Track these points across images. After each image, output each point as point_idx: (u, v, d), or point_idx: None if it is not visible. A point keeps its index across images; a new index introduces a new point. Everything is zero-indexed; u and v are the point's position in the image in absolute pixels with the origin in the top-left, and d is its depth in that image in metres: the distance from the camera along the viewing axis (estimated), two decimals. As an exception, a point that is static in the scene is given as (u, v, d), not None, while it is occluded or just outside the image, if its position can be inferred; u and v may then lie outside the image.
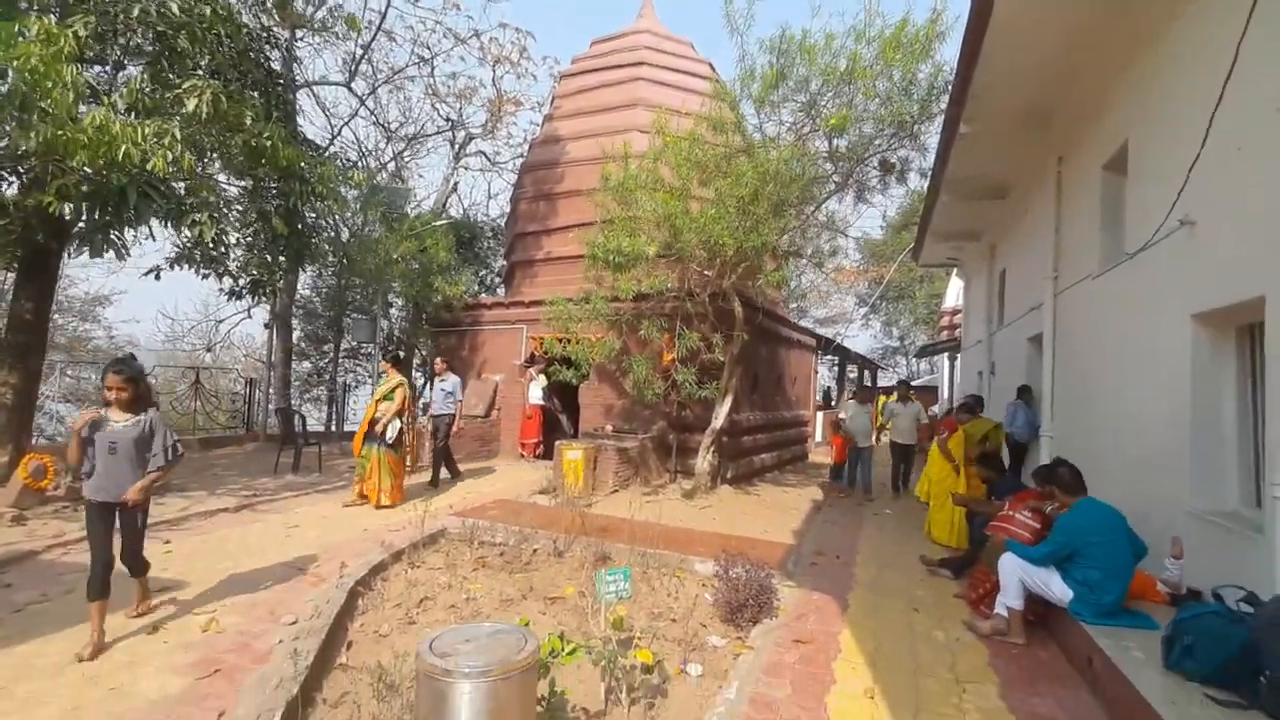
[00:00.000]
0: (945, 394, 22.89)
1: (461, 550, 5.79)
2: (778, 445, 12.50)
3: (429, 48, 16.56)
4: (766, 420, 11.87)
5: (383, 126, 16.06)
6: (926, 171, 9.16)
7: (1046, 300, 7.94)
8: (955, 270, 17.68)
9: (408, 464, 7.80)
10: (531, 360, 11.42)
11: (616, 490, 8.61)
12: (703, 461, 8.38)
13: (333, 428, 15.11)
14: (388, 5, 14.67)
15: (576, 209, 11.63)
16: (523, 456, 11.18)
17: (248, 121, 5.95)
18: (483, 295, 14.02)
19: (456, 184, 19.02)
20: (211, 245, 6.67)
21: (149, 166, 5.12)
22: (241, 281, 9.12)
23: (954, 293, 24.50)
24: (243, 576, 4.84)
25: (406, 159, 17.43)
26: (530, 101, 21.80)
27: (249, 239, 8.05)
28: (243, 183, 7.03)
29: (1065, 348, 7.53)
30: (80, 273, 19.20)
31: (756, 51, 7.12)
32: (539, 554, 5.83)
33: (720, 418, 8.30)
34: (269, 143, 6.37)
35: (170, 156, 5.20)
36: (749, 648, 3.92)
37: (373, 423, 7.14)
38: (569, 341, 8.61)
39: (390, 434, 7.07)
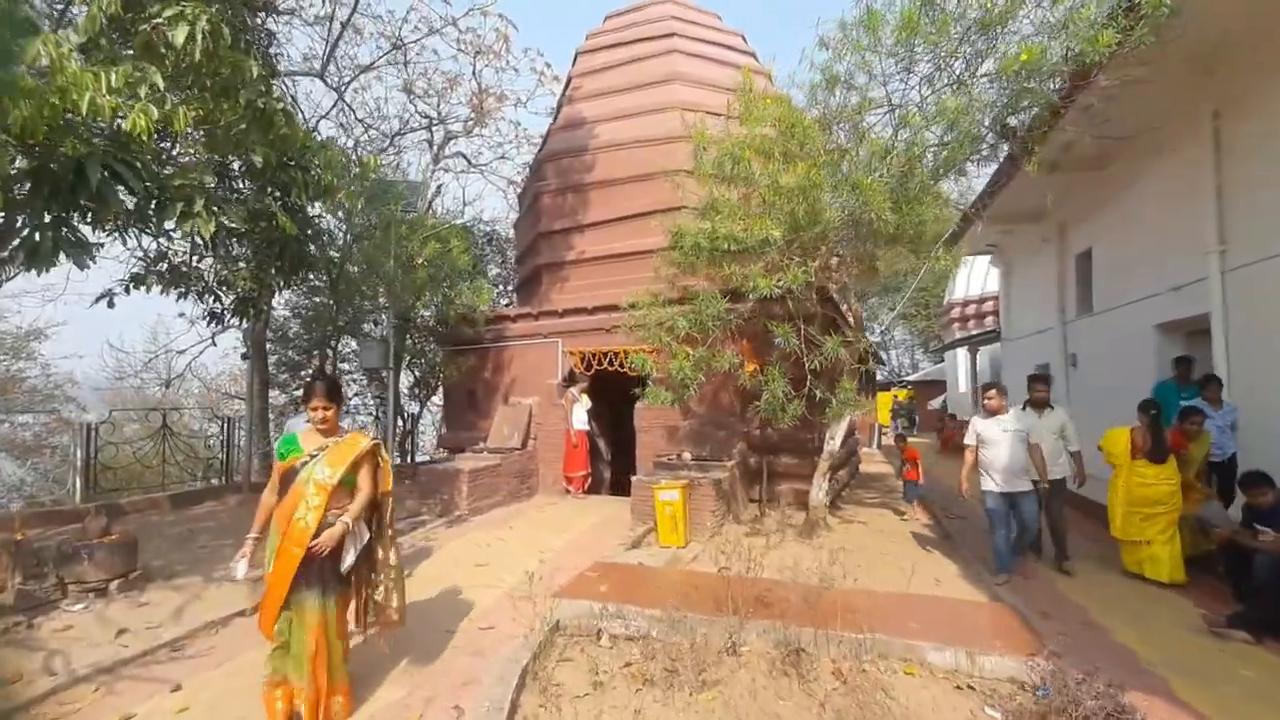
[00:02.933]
0: (964, 388, 22.03)
1: (595, 652, 4.17)
2: (848, 456, 11.15)
3: (401, 39, 14.76)
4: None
5: (362, 123, 14.16)
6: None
7: (1213, 279, 6.79)
8: (990, 258, 16.73)
9: (367, 618, 3.60)
10: (572, 379, 9.79)
11: (715, 534, 7.07)
12: (818, 492, 6.92)
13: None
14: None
15: (613, 199, 10.08)
16: (569, 492, 9.53)
17: (254, 72, 4.23)
18: (506, 305, 12.27)
19: (440, 186, 17.18)
20: (205, 248, 4.90)
21: (124, 128, 3.40)
22: (225, 300, 7.29)
23: (963, 282, 23.79)
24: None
25: (387, 159, 15.51)
26: (514, 97, 20.03)
27: (244, 245, 6.27)
28: (247, 163, 5.24)
29: (1251, 333, 6.38)
30: (9, 303, 16.56)
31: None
32: (701, 649, 4.25)
33: (837, 438, 6.85)
34: (279, 108, 4.65)
35: (155, 114, 3.48)
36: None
37: (313, 546, 3.13)
38: (657, 355, 7.00)
39: (349, 561, 3.31)
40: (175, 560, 6.61)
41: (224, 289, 7.15)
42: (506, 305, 11.83)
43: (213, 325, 7.88)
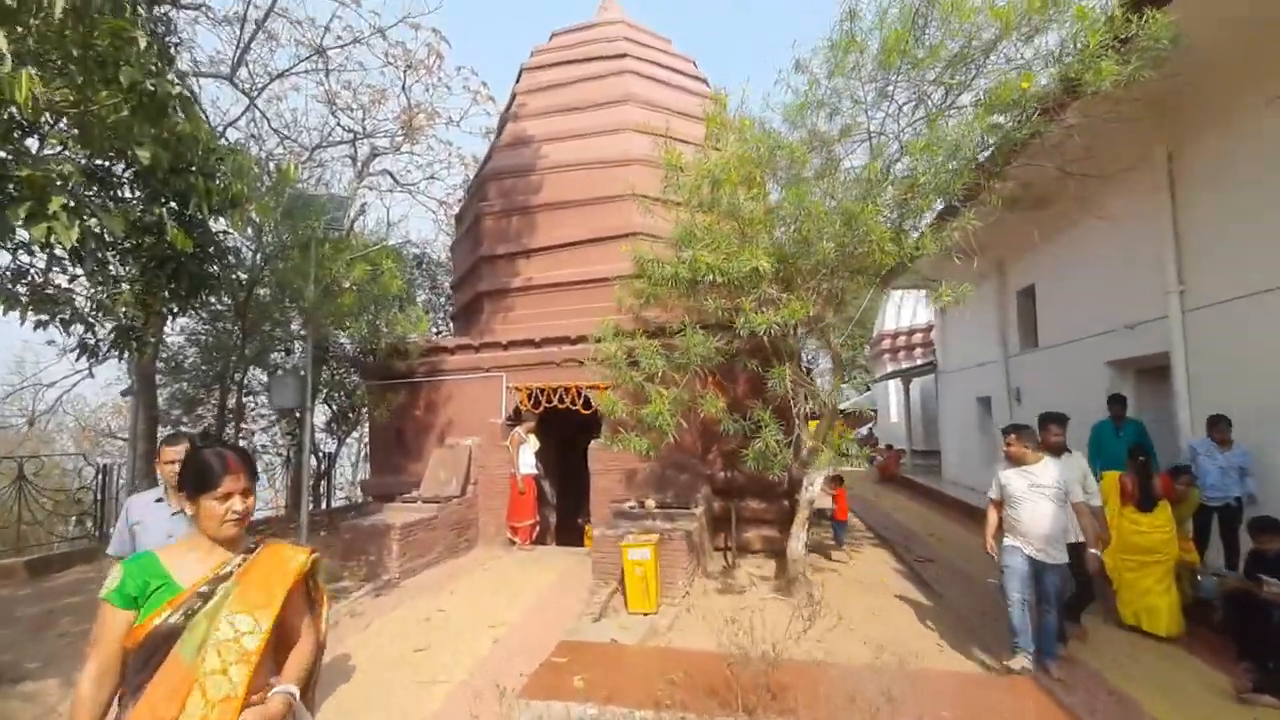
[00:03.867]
0: (897, 418, 22.46)
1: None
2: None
3: (323, 46, 13.60)
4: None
5: (277, 133, 12.86)
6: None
7: (1173, 319, 6.84)
8: (925, 291, 17.12)
9: None
10: (518, 417, 8.91)
11: (687, 592, 6.37)
12: (797, 544, 6.36)
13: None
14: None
15: (563, 223, 9.40)
16: (514, 543, 8.57)
17: (141, 44, 3.31)
18: (438, 335, 11.20)
19: (365, 205, 15.94)
20: (73, 262, 3.85)
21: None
22: (99, 332, 6.05)
23: (892, 314, 24.48)
24: None
25: (306, 173, 14.18)
26: (446, 114, 19.11)
27: (127, 262, 5.19)
28: (132, 161, 4.20)
29: (1212, 373, 6.41)
30: None
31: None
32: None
33: (816, 484, 6.34)
34: (175, 93, 3.72)
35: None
36: None
37: None
38: (615, 392, 6.30)
39: None
40: (27, 654, 5.29)
41: (100, 316, 5.90)
42: (438, 334, 10.81)
43: (84, 358, 6.53)
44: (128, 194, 5.37)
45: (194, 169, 4.97)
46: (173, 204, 5.21)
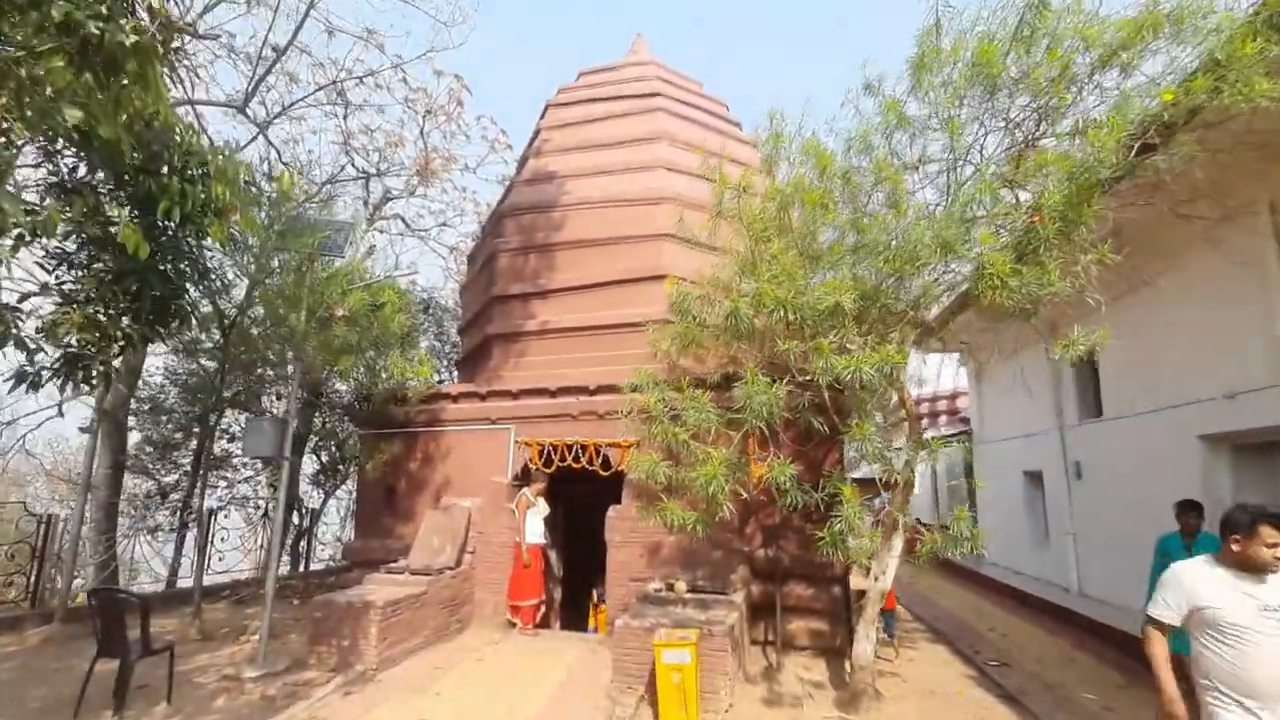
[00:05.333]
0: (919, 489, 21.11)
1: None
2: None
3: (342, 85, 13.24)
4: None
5: (288, 166, 12.29)
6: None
7: (1296, 389, 5.89)
8: (959, 355, 16.24)
9: None
10: (525, 477, 7.83)
11: (731, 705, 5.15)
12: (865, 647, 5.20)
13: (181, 578, 10.27)
14: (297, 29, 11.21)
15: (586, 263, 8.60)
16: (513, 624, 7.33)
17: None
18: (440, 383, 10.23)
19: (374, 247, 15.28)
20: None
21: None
22: (43, 357, 5.10)
23: (912, 377, 23.53)
24: None
25: (312, 208, 13.55)
26: (463, 161, 18.75)
27: (83, 279, 4.34)
28: (70, 139, 3.35)
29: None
30: None
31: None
32: None
33: (890, 568, 5.24)
34: (130, 43, 2.91)
35: None
36: None
37: None
38: (634, 451, 5.28)
39: None
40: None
41: (43, 339, 4.97)
42: (440, 384, 9.86)
43: (30, 391, 5.53)
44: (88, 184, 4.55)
45: (165, 165, 4.17)
46: (135, 209, 4.38)
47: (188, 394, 10.74)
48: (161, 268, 5.14)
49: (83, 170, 4.57)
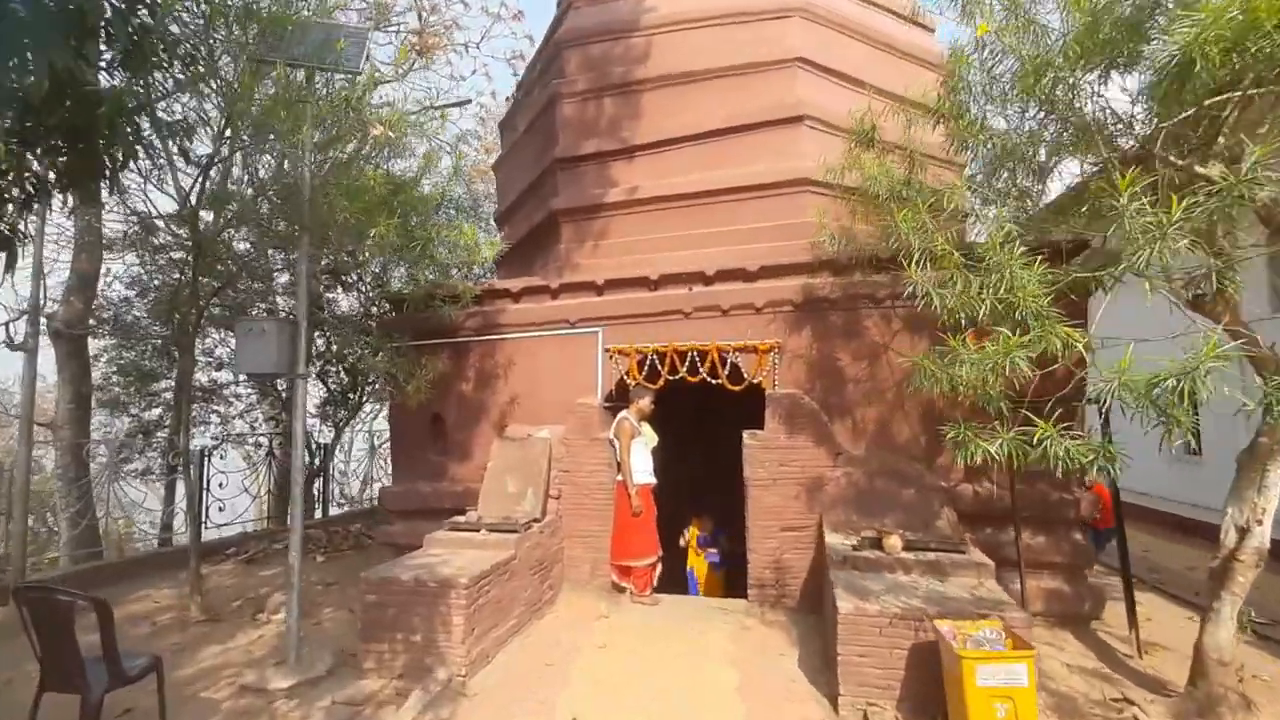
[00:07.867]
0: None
1: None
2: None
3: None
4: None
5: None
6: None
7: None
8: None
9: None
10: (623, 395, 5.83)
11: None
12: (1224, 632, 3.39)
13: (176, 534, 8.44)
14: None
15: (684, 105, 6.29)
16: (621, 589, 5.52)
17: None
18: (492, 279, 7.98)
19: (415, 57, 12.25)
20: None
21: None
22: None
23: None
24: None
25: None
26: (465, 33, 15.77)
27: None
28: None
29: None
30: None
31: None
32: None
33: (1271, 508, 3.38)
34: None
35: None
36: None
37: None
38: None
39: None
40: None
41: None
42: (484, 279, 7.61)
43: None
44: None
45: None
46: None
47: (158, 308, 8.51)
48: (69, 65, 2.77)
49: None
